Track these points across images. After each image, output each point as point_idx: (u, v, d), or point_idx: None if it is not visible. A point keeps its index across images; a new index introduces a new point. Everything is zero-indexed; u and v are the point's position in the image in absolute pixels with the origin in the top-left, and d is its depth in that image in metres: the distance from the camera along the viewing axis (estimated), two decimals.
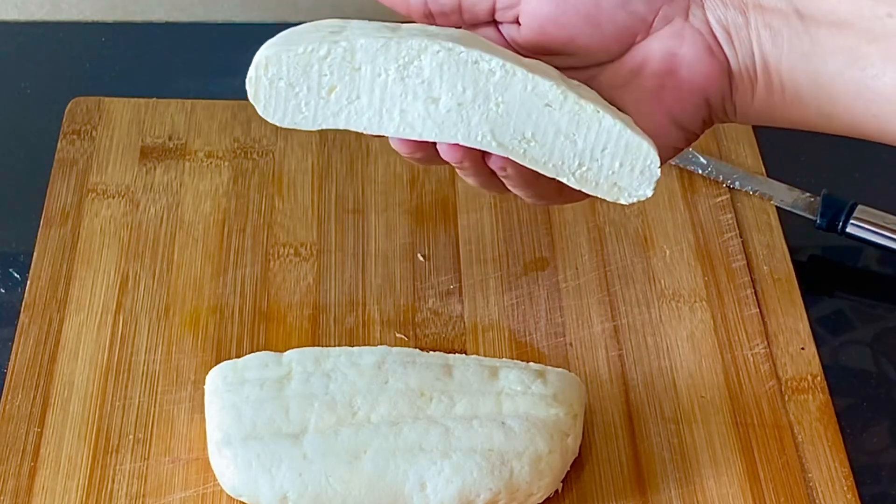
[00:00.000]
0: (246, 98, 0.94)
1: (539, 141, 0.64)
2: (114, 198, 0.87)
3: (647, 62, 0.66)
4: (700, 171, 0.90)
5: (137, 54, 1.01)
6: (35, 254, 0.83)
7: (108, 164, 0.89)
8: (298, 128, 0.64)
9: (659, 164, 0.64)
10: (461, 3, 0.66)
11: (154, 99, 0.93)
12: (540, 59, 0.66)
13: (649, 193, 0.65)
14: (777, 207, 0.89)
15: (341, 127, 0.64)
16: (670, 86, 0.66)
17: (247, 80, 0.65)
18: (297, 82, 0.64)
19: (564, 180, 0.64)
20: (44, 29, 1.03)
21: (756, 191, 0.89)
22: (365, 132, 0.64)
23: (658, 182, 0.64)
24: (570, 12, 0.65)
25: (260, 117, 0.93)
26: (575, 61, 0.66)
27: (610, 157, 0.64)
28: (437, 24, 0.67)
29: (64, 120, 0.92)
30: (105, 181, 0.88)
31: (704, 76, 0.66)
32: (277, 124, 0.65)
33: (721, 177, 0.90)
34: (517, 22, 0.66)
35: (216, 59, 1.01)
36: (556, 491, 0.72)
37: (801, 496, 0.73)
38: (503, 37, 0.67)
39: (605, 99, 0.66)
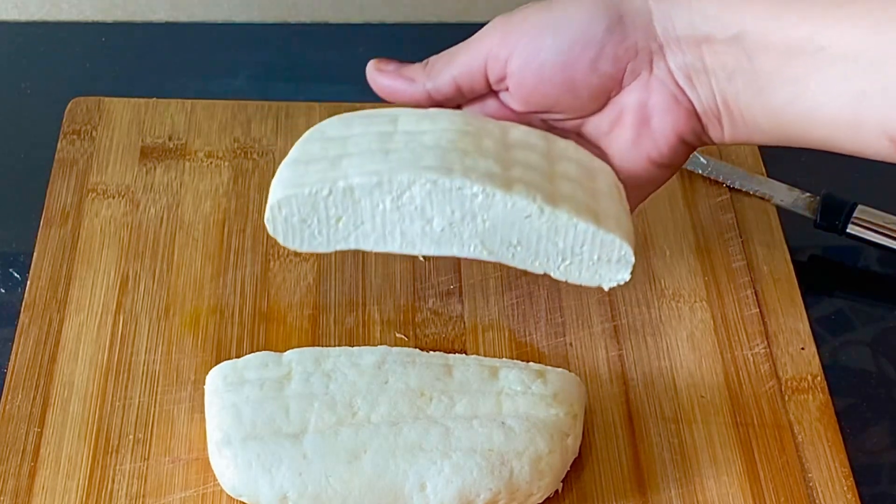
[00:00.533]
0: (246, 98, 0.95)
1: (524, 246, 0.71)
2: (114, 198, 0.87)
3: (624, 114, 0.74)
4: (700, 171, 0.90)
5: (137, 54, 1.01)
6: (35, 254, 0.83)
7: (108, 164, 0.89)
8: (316, 251, 0.73)
9: (632, 253, 0.71)
10: (460, 88, 0.75)
11: (154, 99, 0.93)
12: (533, 116, 0.76)
13: (627, 277, 0.72)
14: (777, 207, 0.89)
15: (352, 248, 0.72)
16: (646, 134, 0.74)
17: (265, 220, 0.73)
18: (309, 217, 0.72)
19: (551, 274, 0.72)
20: (44, 29, 1.03)
21: (756, 191, 0.89)
22: (374, 251, 0.72)
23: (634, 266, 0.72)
24: (548, 83, 0.73)
25: (260, 117, 0.94)
26: (562, 117, 0.75)
27: (588, 252, 0.72)
28: (442, 108, 0.75)
29: (64, 120, 0.92)
30: (105, 181, 0.88)
31: (674, 122, 0.73)
32: (297, 249, 0.73)
33: (721, 177, 0.90)
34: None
35: (216, 59, 1.01)
36: (556, 491, 0.72)
37: (801, 496, 0.73)
38: (502, 103, 0.76)
39: (593, 145, 0.76)
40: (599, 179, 0.74)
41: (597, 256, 0.72)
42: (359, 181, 0.70)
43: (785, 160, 0.93)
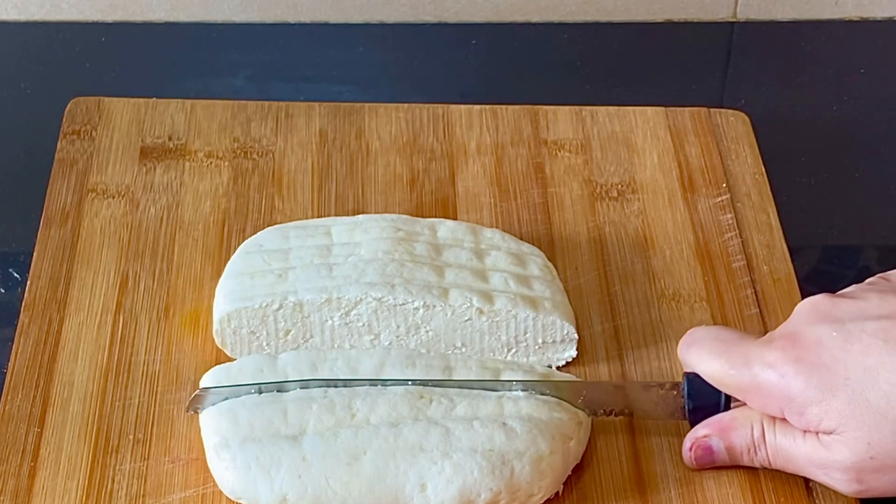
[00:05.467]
0: (246, 98, 0.95)
1: (469, 345, 0.76)
2: (114, 198, 0.87)
3: None
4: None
5: (137, 54, 1.02)
6: (35, 254, 0.83)
7: (108, 164, 0.89)
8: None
9: (575, 330, 0.76)
10: None
11: (154, 99, 0.93)
12: None
13: (574, 354, 0.77)
14: (777, 207, 0.88)
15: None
16: None
17: (213, 332, 0.76)
18: (258, 329, 0.75)
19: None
20: (44, 29, 1.03)
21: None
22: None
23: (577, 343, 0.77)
24: None
25: (260, 117, 0.94)
26: None
27: (532, 338, 0.76)
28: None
29: (64, 120, 0.92)
30: (105, 181, 0.88)
31: None
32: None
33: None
34: None
35: (216, 59, 1.02)
36: (557, 492, 0.72)
37: (800, 496, 0.73)
38: None
39: None
40: (530, 264, 0.78)
41: (541, 340, 0.76)
42: (308, 297, 0.74)
43: (785, 159, 0.94)
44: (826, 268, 0.89)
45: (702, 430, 0.72)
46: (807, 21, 1.07)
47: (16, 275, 0.85)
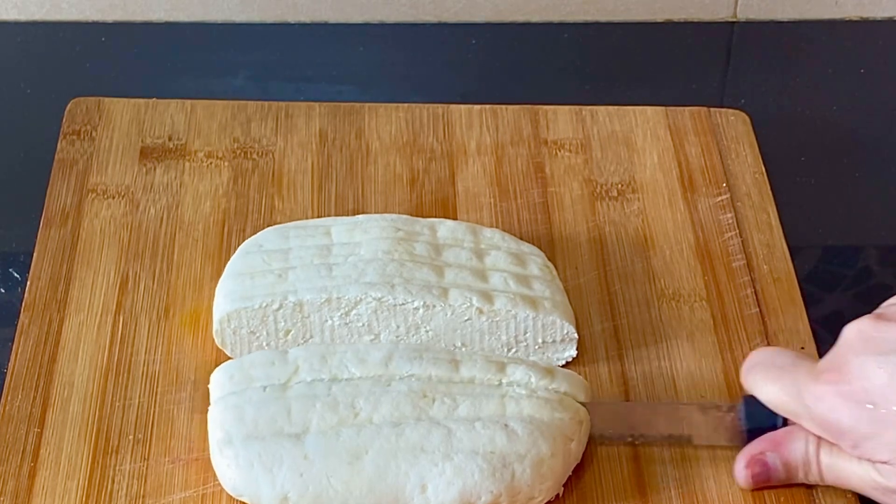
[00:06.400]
0: (246, 98, 0.95)
1: (469, 345, 0.76)
2: (114, 198, 0.87)
3: None
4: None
5: (137, 54, 1.02)
6: (35, 254, 0.83)
7: (108, 165, 0.89)
8: None
9: (574, 330, 0.76)
10: None
11: (154, 99, 0.93)
12: None
13: (574, 353, 0.78)
14: (777, 207, 0.88)
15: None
16: None
17: (213, 333, 0.76)
18: (258, 329, 0.76)
19: None
20: (44, 29, 1.03)
21: None
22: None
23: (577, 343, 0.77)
24: None
25: (260, 117, 0.94)
26: None
27: (532, 338, 0.76)
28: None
29: (64, 120, 0.92)
30: (105, 181, 0.88)
31: None
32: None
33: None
34: None
35: (216, 59, 1.02)
36: (557, 494, 0.72)
37: (801, 496, 0.73)
38: None
39: None
40: (530, 263, 0.78)
41: (541, 340, 0.77)
42: (308, 297, 0.75)
43: (785, 159, 0.94)
44: (826, 268, 0.89)
45: (757, 445, 0.71)
46: (807, 21, 1.07)
47: (16, 275, 0.85)
